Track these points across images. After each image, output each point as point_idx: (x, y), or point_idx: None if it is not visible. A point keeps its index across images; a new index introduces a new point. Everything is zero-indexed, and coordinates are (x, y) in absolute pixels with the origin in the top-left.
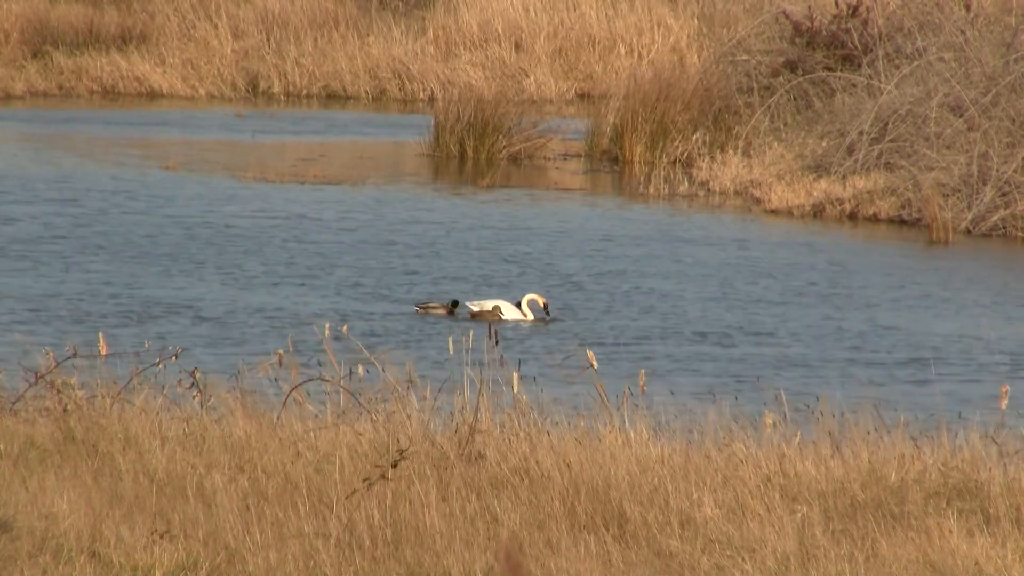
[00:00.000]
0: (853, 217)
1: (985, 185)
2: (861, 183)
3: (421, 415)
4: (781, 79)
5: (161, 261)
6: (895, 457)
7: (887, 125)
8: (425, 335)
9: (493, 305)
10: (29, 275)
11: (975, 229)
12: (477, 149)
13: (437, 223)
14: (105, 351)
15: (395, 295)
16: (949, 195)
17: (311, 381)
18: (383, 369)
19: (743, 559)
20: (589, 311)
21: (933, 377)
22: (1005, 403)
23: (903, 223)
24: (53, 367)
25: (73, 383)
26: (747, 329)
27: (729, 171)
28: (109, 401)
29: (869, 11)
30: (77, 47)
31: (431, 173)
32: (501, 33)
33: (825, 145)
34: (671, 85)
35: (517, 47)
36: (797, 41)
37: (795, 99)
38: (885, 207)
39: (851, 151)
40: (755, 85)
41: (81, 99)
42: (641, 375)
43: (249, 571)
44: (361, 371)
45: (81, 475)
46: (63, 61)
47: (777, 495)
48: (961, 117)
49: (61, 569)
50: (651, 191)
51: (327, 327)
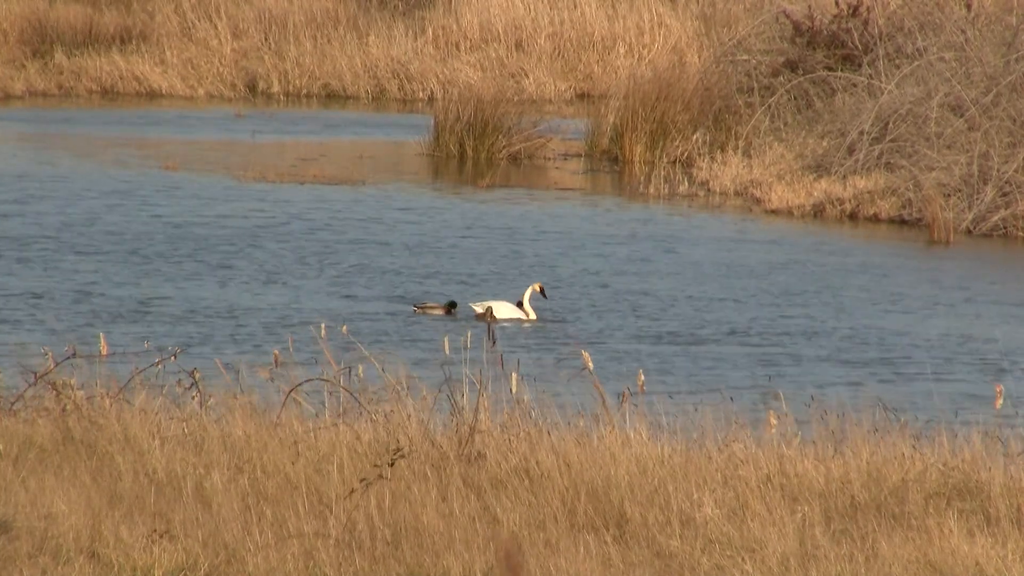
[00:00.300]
0: (853, 217)
1: (986, 185)
2: (861, 183)
3: (420, 415)
4: (781, 79)
5: (160, 260)
6: (895, 457)
7: (888, 125)
8: (424, 335)
9: (486, 306)
10: (25, 274)
11: (976, 229)
12: (477, 149)
13: (437, 223)
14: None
15: (394, 295)
16: (950, 195)
17: (310, 381)
18: (382, 369)
19: (743, 559)
20: (588, 311)
21: (933, 377)
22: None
23: (903, 223)
24: (52, 367)
25: (72, 383)
26: (747, 329)
27: (729, 171)
28: (108, 401)
29: (869, 11)
30: (77, 47)
31: (431, 173)
32: (501, 33)
33: (825, 145)
34: (671, 85)
35: (517, 47)
36: (797, 41)
37: (795, 99)
38: (886, 207)
39: (851, 151)
40: (755, 85)
41: (80, 99)
42: (640, 375)
43: (248, 571)
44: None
45: (80, 475)
46: (63, 61)
47: (777, 495)
48: (962, 117)
49: (60, 569)
50: (651, 191)
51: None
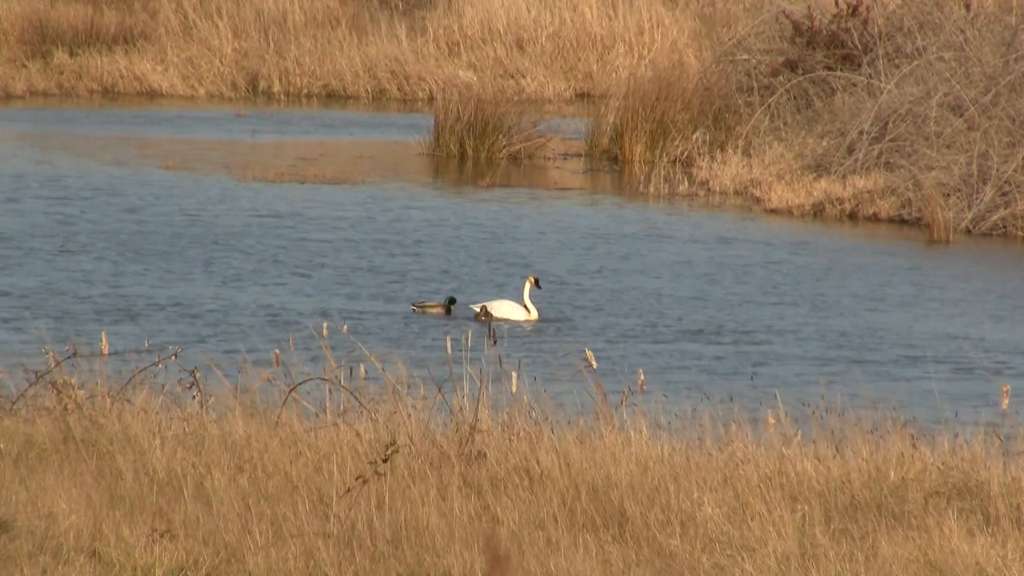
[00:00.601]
0: (853, 217)
1: (985, 184)
2: (861, 183)
3: (421, 414)
4: (781, 78)
5: (159, 260)
6: (895, 456)
7: (887, 124)
8: (424, 334)
9: (481, 306)
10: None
11: (975, 229)
12: (477, 149)
13: (437, 222)
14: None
15: (394, 295)
16: (949, 195)
17: (310, 380)
18: (382, 368)
19: (743, 559)
20: (588, 310)
21: (933, 376)
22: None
23: (903, 223)
24: (53, 366)
25: (73, 383)
26: (747, 329)
27: (729, 171)
28: (109, 401)
29: (869, 10)
30: (77, 47)
31: (431, 173)
32: (501, 33)
33: (825, 145)
34: (671, 85)
35: (517, 47)
36: (797, 40)
37: (795, 98)
38: (885, 207)
39: (851, 151)
40: (755, 84)
41: (81, 99)
42: (640, 374)
43: (249, 570)
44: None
45: (81, 475)
46: (63, 61)
47: (777, 495)
48: (961, 116)
49: (61, 569)
50: (651, 191)
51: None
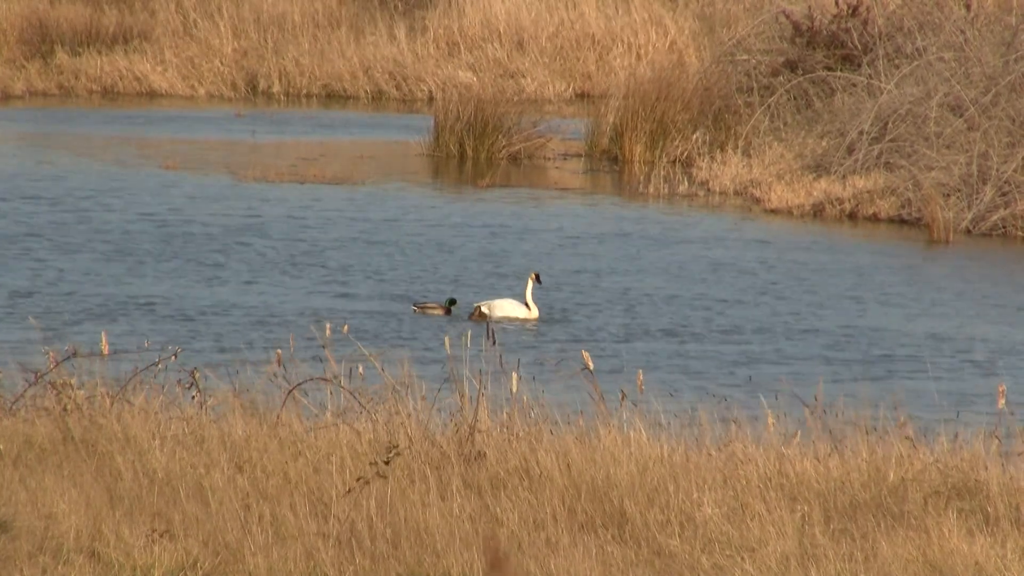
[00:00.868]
0: (853, 217)
1: (985, 185)
2: (861, 183)
3: (421, 415)
4: (781, 79)
5: (159, 259)
6: (894, 457)
7: (887, 125)
8: (424, 334)
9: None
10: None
11: (975, 229)
12: (477, 149)
13: (437, 223)
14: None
15: (394, 294)
16: (949, 195)
17: (310, 381)
18: (382, 369)
19: (743, 559)
20: (588, 310)
21: (932, 376)
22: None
23: (903, 223)
24: (53, 367)
25: (72, 383)
26: (746, 328)
27: (729, 171)
28: (108, 401)
29: (869, 11)
30: (77, 47)
31: (431, 173)
32: (501, 33)
33: (825, 145)
34: (671, 85)
35: (517, 47)
36: (797, 41)
37: (795, 99)
38: (885, 207)
39: (851, 151)
40: (755, 85)
41: (81, 99)
42: (639, 375)
43: (249, 571)
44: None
45: (80, 475)
46: (63, 61)
47: (777, 495)
48: (961, 117)
49: (60, 569)
50: (651, 191)
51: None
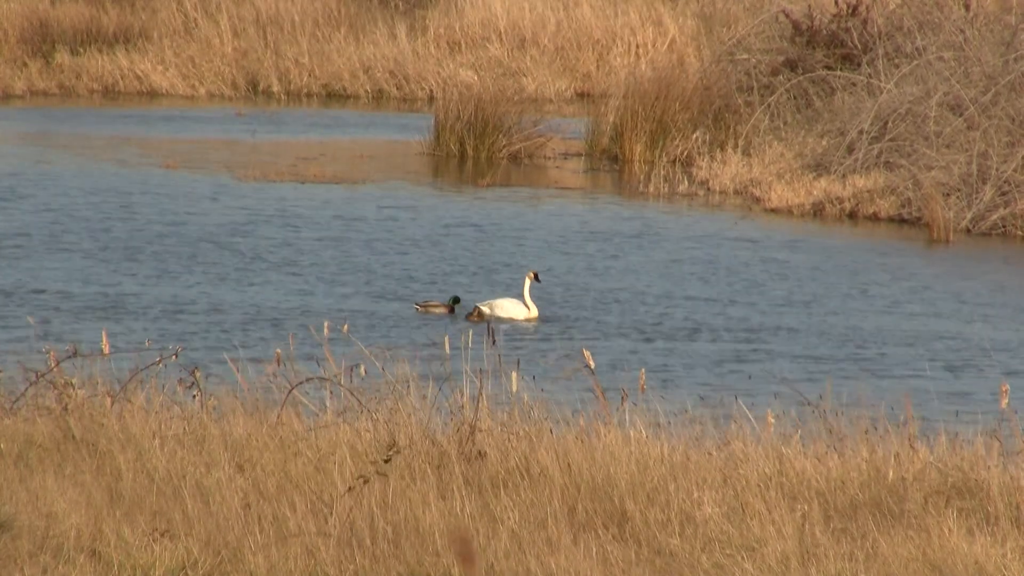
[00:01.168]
0: (853, 216)
1: (985, 184)
2: (861, 182)
3: (421, 414)
4: (781, 78)
5: (159, 259)
6: (894, 456)
7: (887, 124)
8: (425, 333)
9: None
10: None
11: (975, 228)
12: (477, 148)
13: (437, 222)
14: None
15: (395, 294)
16: (949, 194)
17: (311, 380)
18: (383, 368)
19: (743, 558)
20: (588, 309)
21: (932, 376)
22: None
23: (903, 222)
24: (54, 366)
25: (73, 382)
26: (745, 328)
27: (729, 170)
28: (109, 400)
29: (869, 10)
30: (78, 46)
31: (431, 172)
32: (501, 32)
33: (825, 144)
34: (671, 84)
35: (517, 46)
36: (797, 40)
37: (795, 98)
38: (885, 206)
39: (851, 150)
40: (755, 84)
41: (81, 98)
42: (642, 374)
43: (249, 570)
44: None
45: (81, 474)
46: (64, 60)
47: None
48: (961, 116)
49: (61, 568)
50: (651, 190)
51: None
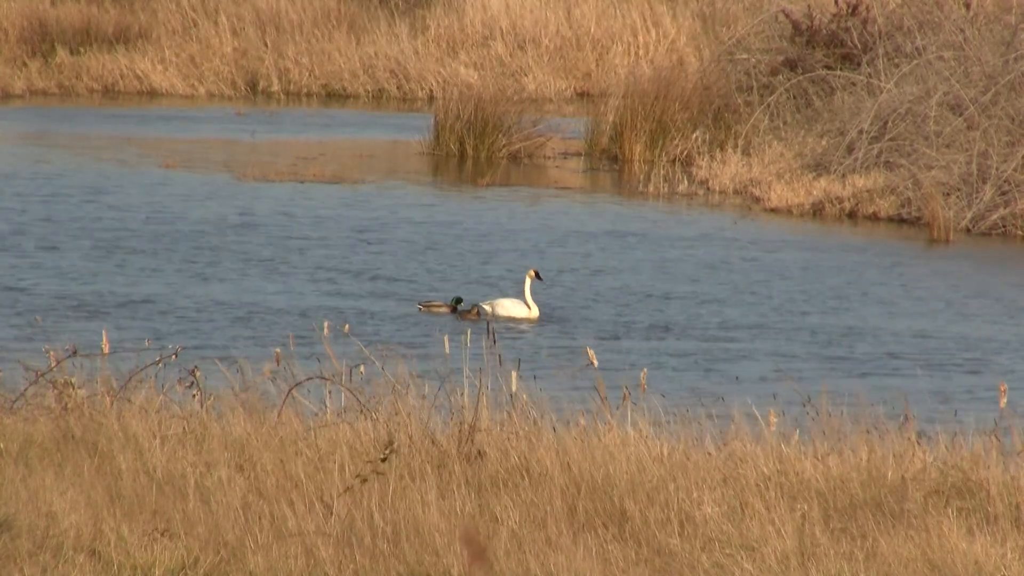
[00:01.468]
0: (852, 216)
1: (985, 184)
2: (861, 182)
3: (421, 413)
4: (781, 78)
5: (159, 258)
6: (894, 456)
7: (887, 124)
8: (425, 333)
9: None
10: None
11: (975, 228)
12: (477, 148)
13: (437, 222)
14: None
15: (394, 293)
16: (949, 194)
17: (311, 380)
18: (383, 367)
19: (743, 558)
20: (587, 309)
21: (932, 375)
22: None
23: (903, 222)
24: (54, 365)
25: (73, 382)
26: (744, 327)
27: (728, 170)
28: (109, 400)
29: (869, 10)
30: (77, 46)
31: (431, 172)
32: (501, 32)
33: (825, 144)
34: (670, 84)
35: (518, 46)
36: (797, 40)
37: (795, 98)
38: (885, 206)
39: (851, 150)
40: (755, 84)
41: (81, 98)
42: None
43: (249, 569)
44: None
45: (81, 474)
46: (63, 60)
47: (777, 494)
48: (961, 116)
49: (61, 567)
50: (650, 190)
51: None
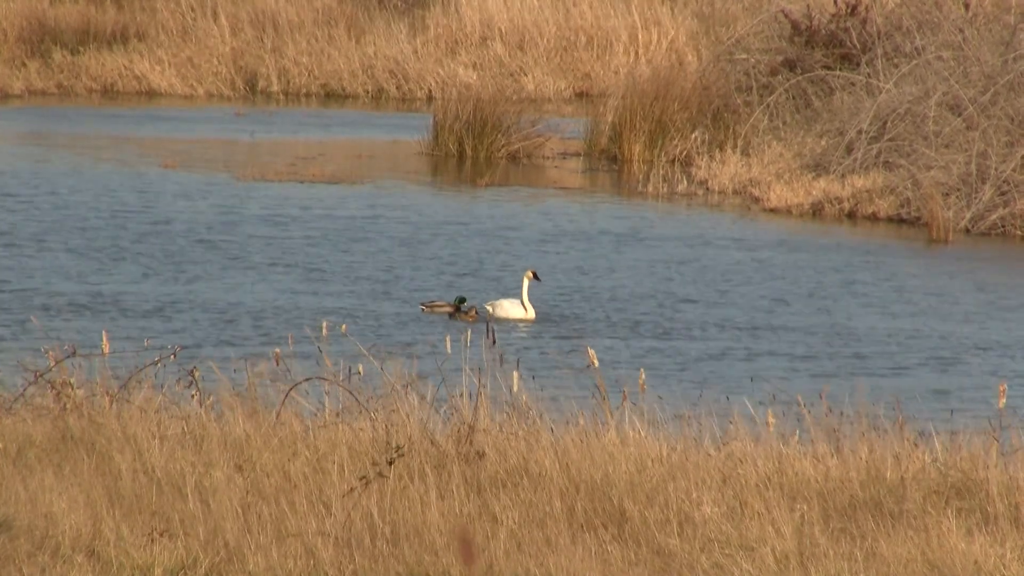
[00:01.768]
0: (852, 216)
1: (984, 184)
2: (860, 182)
3: (420, 414)
4: (780, 78)
5: (159, 258)
6: (893, 456)
7: (886, 124)
8: (425, 333)
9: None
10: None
11: (974, 228)
12: (476, 148)
13: (436, 222)
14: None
15: (393, 293)
16: (948, 194)
17: (310, 380)
18: (381, 367)
19: (742, 558)
20: (586, 309)
21: (932, 375)
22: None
23: (902, 222)
24: (53, 366)
25: (72, 382)
26: (744, 327)
27: (728, 170)
28: (108, 400)
29: (868, 10)
30: (76, 46)
31: (430, 172)
32: (500, 32)
33: (824, 144)
34: (670, 84)
35: (517, 46)
36: (796, 40)
37: (794, 98)
38: (884, 206)
39: (850, 150)
40: (754, 84)
41: (80, 98)
42: (641, 373)
43: (248, 569)
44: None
45: (80, 474)
46: (62, 60)
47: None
48: (960, 116)
49: (60, 568)
50: (650, 190)
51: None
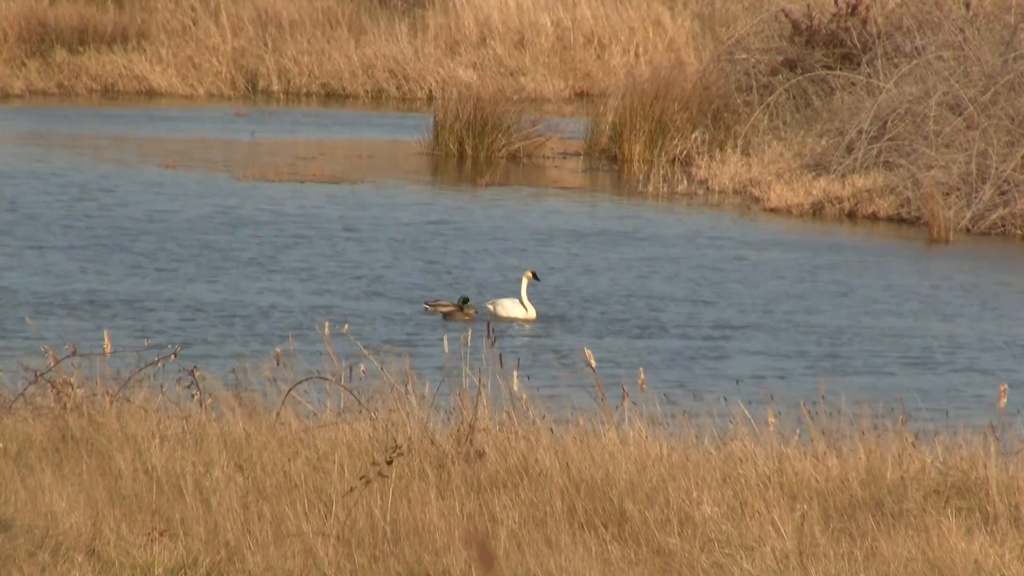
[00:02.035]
0: (852, 216)
1: (984, 184)
2: (860, 182)
3: (420, 413)
4: (780, 78)
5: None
6: (893, 455)
7: (886, 124)
8: (425, 333)
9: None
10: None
11: (974, 228)
12: (476, 148)
13: (436, 222)
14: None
15: (393, 293)
16: (948, 193)
17: (310, 379)
18: (381, 367)
19: (742, 557)
20: (586, 309)
21: (931, 375)
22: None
23: (902, 221)
24: (53, 365)
25: (72, 381)
26: (744, 327)
27: (728, 170)
28: (108, 399)
29: (868, 10)
30: (76, 46)
31: (430, 172)
32: (501, 32)
33: (824, 144)
34: (670, 84)
35: (517, 46)
36: (796, 40)
37: (794, 98)
38: (884, 206)
39: (850, 150)
40: (754, 84)
41: (80, 98)
42: (640, 373)
43: (248, 569)
44: (362, 370)
45: (80, 473)
46: (62, 60)
47: (776, 494)
48: (960, 116)
49: (60, 567)
50: (650, 190)
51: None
